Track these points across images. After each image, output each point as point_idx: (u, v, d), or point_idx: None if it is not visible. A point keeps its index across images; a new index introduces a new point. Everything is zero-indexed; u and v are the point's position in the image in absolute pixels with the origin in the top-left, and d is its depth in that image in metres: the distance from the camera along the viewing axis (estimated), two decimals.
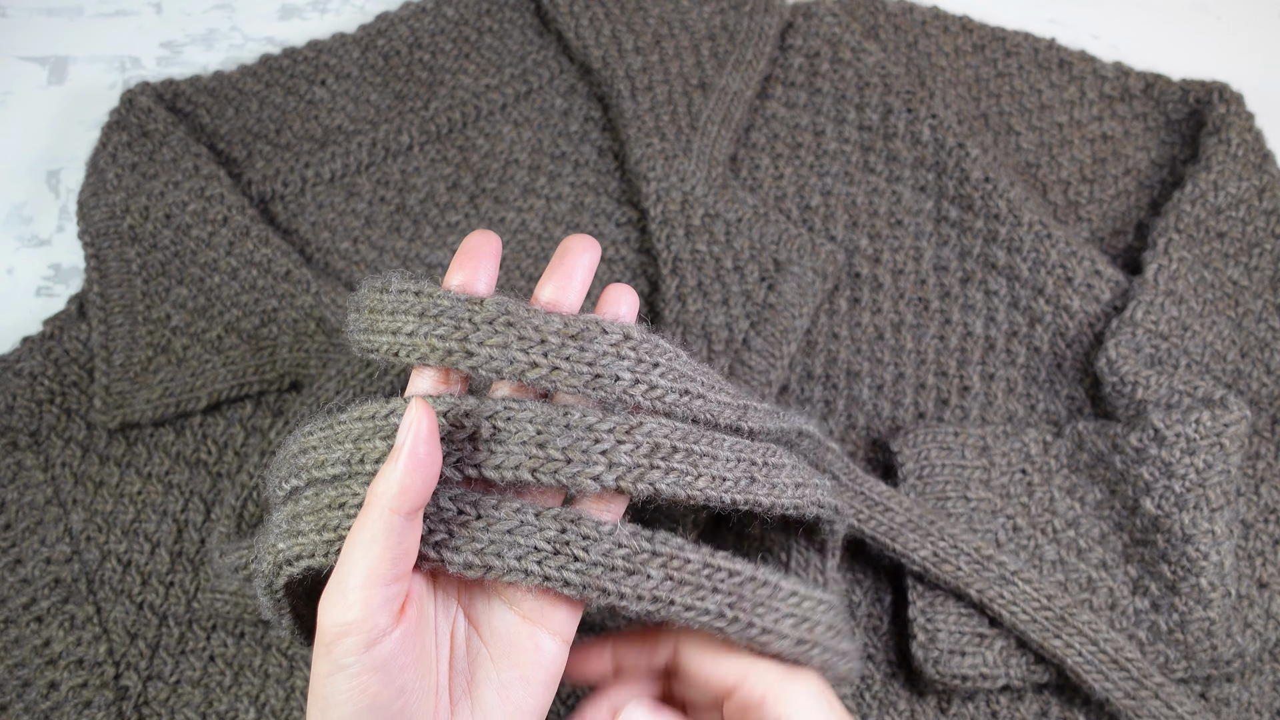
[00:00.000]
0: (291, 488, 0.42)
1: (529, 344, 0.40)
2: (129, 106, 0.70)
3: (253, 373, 0.64)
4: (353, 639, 0.36)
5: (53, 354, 0.65)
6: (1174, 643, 0.56)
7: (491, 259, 0.42)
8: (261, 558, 0.41)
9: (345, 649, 0.36)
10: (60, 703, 0.58)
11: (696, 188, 0.67)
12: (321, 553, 0.39)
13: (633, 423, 0.40)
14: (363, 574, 0.36)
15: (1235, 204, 0.67)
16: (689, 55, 0.72)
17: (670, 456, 0.41)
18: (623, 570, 0.40)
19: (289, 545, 0.40)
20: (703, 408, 0.42)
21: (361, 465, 0.40)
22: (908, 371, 0.66)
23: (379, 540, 0.36)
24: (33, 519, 0.62)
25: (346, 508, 0.39)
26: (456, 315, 0.40)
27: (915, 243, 0.69)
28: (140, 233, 0.67)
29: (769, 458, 0.44)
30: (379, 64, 0.75)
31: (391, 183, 0.72)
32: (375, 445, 0.40)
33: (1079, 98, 0.73)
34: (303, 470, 0.41)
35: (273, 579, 0.41)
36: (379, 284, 0.42)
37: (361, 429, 0.40)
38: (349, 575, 0.37)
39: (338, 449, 0.40)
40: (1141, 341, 0.62)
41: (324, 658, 0.37)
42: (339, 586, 0.37)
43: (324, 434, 0.41)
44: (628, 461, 0.40)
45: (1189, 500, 0.56)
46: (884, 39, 0.75)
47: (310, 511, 0.40)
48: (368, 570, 0.36)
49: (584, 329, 0.40)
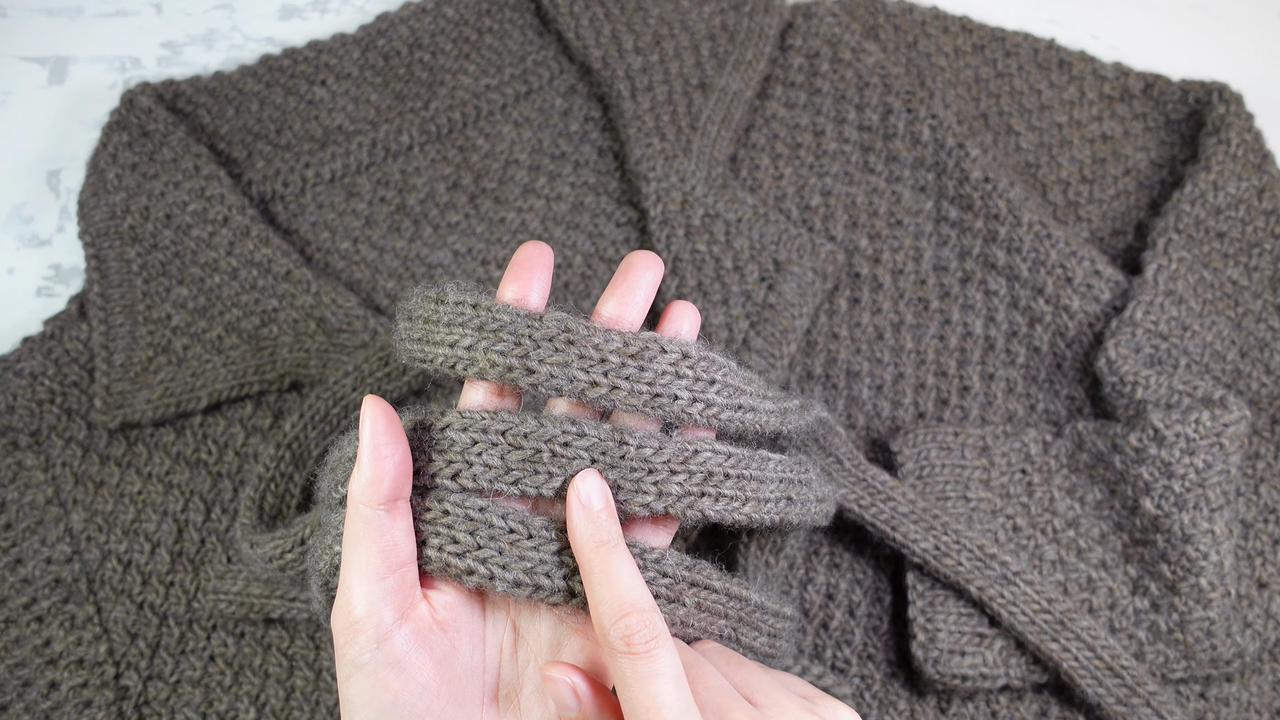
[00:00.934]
0: (345, 494, 0.42)
1: (589, 363, 0.40)
2: (129, 107, 0.70)
3: (253, 373, 0.64)
4: (363, 636, 0.37)
5: (53, 354, 0.65)
6: (1174, 642, 0.56)
7: (545, 270, 0.42)
8: (319, 557, 0.42)
9: (358, 648, 0.37)
10: (61, 702, 0.58)
11: (696, 188, 0.67)
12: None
13: (688, 452, 0.41)
14: (357, 572, 0.37)
15: (1235, 204, 0.67)
16: (689, 55, 0.72)
17: (721, 484, 0.42)
18: (664, 598, 0.42)
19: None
20: (754, 420, 0.43)
21: (416, 476, 0.40)
22: (908, 371, 0.66)
23: (362, 537, 0.37)
24: (33, 519, 0.62)
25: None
26: (516, 331, 0.40)
27: (915, 243, 0.69)
28: (140, 233, 0.67)
29: (801, 474, 0.46)
30: (379, 64, 0.75)
31: (391, 183, 0.72)
32: (431, 459, 0.40)
33: (1079, 98, 0.73)
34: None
35: (329, 578, 0.41)
36: (434, 294, 0.42)
37: (413, 439, 0.41)
38: (348, 576, 0.38)
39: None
40: (1141, 341, 0.62)
41: (343, 662, 0.37)
42: (342, 589, 0.37)
43: None
44: (678, 491, 0.41)
45: (1189, 500, 0.56)
46: (884, 39, 0.75)
47: None
48: (360, 567, 0.37)
49: (644, 348, 0.41)
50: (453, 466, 0.40)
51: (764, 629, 0.46)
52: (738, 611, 0.44)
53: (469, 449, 0.40)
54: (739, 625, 0.44)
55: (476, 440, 0.40)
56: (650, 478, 0.40)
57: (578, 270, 0.69)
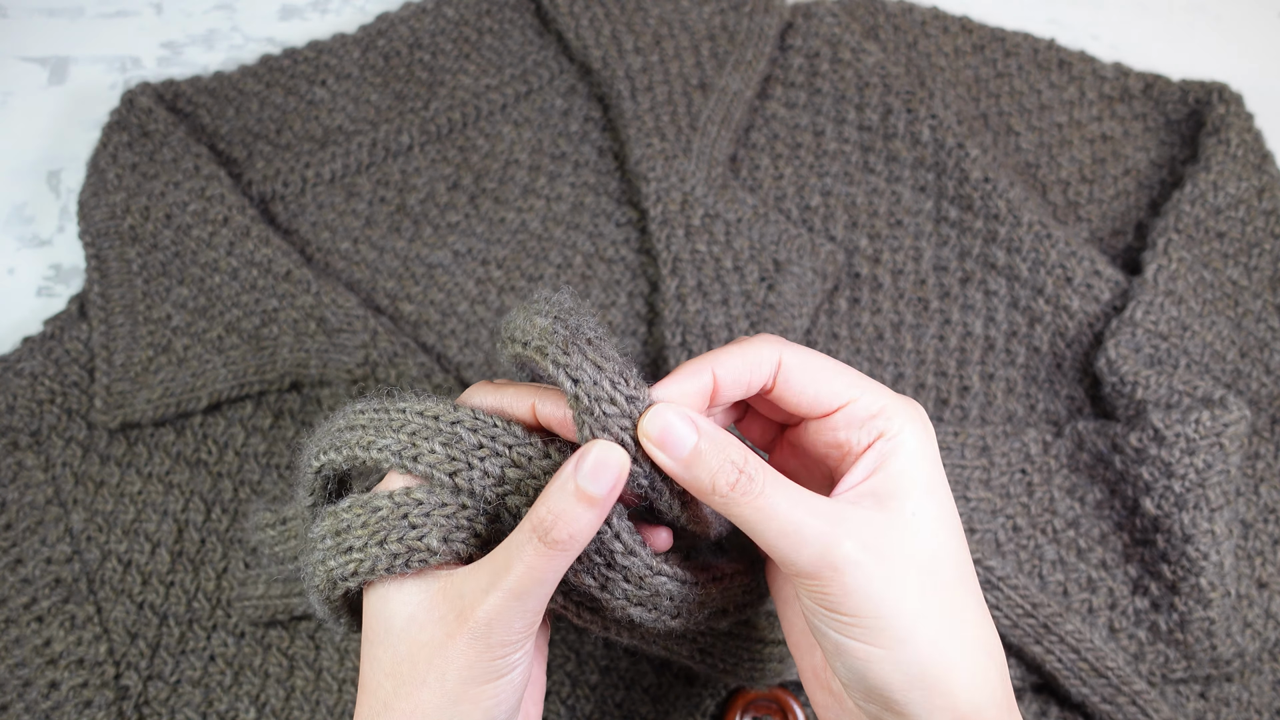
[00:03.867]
0: (325, 462, 0.42)
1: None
2: (129, 107, 0.70)
3: (253, 373, 0.64)
4: (525, 644, 0.39)
5: (53, 354, 0.65)
6: (1174, 642, 0.56)
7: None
8: (313, 574, 0.42)
9: (508, 662, 0.39)
10: (61, 702, 0.58)
11: (696, 188, 0.67)
12: (384, 565, 0.39)
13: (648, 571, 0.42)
14: (534, 599, 0.38)
15: (1234, 204, 0.67)
16: (689, 55, 0.72)
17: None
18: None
19: (341, 564, 0.40)
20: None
21: (414, 463, 0.40)
22: (907, 371, 0.66)
23: (546, 569, 0.38)
24: (33, 519, 0.62)
25: (411, 517, 0.40)
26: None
27: (915, 243, 0.69)
28: (141, 233, 0.67)
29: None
30: (379, 64, 0.75)
31: (391, 183, 0.72)
32: (432, 449, 0.40)
33: (1078, 98, 0.73)
34: (345, 446, 0.41)
35: (329, 593, 0.41)
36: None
37: (420, 425, 0.41)
38: (525, 595, 0.38)
39: (389, 436, 0.41)
40: (1141, 341, 0.62)
41: (484, 671, 0.38)
42: (517, 597, 0.38)
43: (376, 416, 0.42)
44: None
45: (1189, 500, 0.56)
46: (884, 39, 0.75)
47: (361, 526, 0.40)
48: (536, 596, 0.38)
49: None
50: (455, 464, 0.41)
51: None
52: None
53: (473, 451, 0.40)
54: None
55: (482, 444, 0.41)
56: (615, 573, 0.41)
57: (578, 270, 0.69)
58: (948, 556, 0.40)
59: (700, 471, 0.39)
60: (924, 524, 0.39)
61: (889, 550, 0.38)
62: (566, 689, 0.58)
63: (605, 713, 0.58)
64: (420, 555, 0.39)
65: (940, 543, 0.40)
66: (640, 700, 0.58)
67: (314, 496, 0.44)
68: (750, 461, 0.39)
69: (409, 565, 0.39)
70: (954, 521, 0.41)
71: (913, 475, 0.40)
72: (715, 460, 0.38)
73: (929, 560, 0.39)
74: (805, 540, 0.38)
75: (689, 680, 0.58)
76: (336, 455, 0.42)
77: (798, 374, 0.42)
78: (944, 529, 0.40)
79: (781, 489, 0.38)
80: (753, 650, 0.50)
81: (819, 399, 0.42)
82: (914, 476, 0.40)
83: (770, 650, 0.51)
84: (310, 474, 0.44)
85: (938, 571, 0.39)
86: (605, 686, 0.58)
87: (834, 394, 0.41)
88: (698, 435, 0.39)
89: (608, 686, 0.58)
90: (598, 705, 0.58)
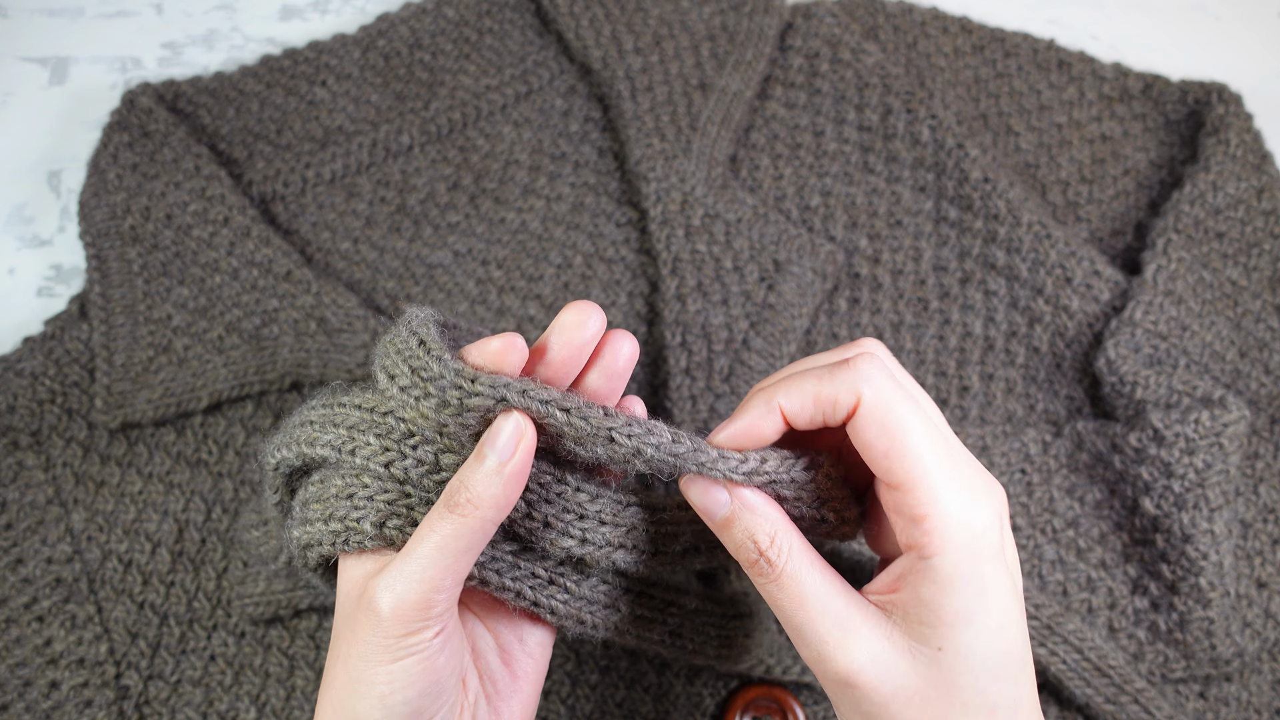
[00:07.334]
0: (279, 459, 0.43)
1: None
2: (130, 107, 0.70)
3: (253, 373, 0.64)
4: (432, 623, 0.38)
5: (54, 354, 0.65)
6: (1174, 642, 0.56)
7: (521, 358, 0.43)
8: (289, 540, 0.43)
9: (423, 636, 0.38)
10: (61, 702, 0.58)
11: (696, 188, 0.67)
12: (329, 542, 0.40)
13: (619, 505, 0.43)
14: (448, 571, 0.38)
15: (1234, 204, 0.67)
16: (689, 55, 0.72)
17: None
18: (602, 605, 0.44)
19: (302, 533, 0.41)
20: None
21: (351, 456, 0.41)
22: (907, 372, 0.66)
23: (464, 539, 0.38)
24: (34, 519, 0.62)
25: (355, 499, 0.40)
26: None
27: (915, 243, 0.69)
28: (141, 233, 0.67)
29: None
30: (379, 64, 0.75)
31: (392, 183, 0.72)
32: (367, 441, 0.40)
33: (1078, 98, 0.73)
34: (294, 442, 0.42)
35: (304, 558, 0.42)
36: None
37: (358, 419, 0.41)
38: (429, 568, 0.38)
39: (330, 432, 0.41)
40: (1141, 341, 0.62)
41: (391, 647, 0.37)
42: (418, 577, 0.37)
43: (324, 412, 0.42)
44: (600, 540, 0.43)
45: (1188, 500, 0.56)
46: (884, 39, 0.75)
47: (317, 499, 0.41)
48: (450, 566, 0.38)
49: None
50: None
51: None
52: (682, 617, 0.49)
53: (404, 440, 0.42)
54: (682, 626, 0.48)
55: (413, 433, 0.41)
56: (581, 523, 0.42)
57: (578, 270, 0.69)
58: (983, 689, 0.36)
59: (727, 539, 0.39)
60: (955, 661, 0.35)
61: (902, 681, 0.36)
62: (566, 689, 0.58)
63: (605, 712, 0.58)
64: (356, 537, 0.40)
65: (970, 681, 0.36)
66: (640, 700, 0.58)
67: (279, 494, 0.45)
68: (776, 542, 0.38)
69: (348, 545, 0.40)
70: (996, 652, 0.36)
71: (938, 606, 0.36)
72: (740, 535, 0.38)
73: (962, 692, 0.36)
74: (806, 642, 0.37)
75: (689, 680, 0.58)
76: (288, 452, 0.42)
77: (865, 424, 0.37)
78: (979, 664, 0.36)
79: (793, 583, 0.37)
80: (720, 626, 0.51)
81: (874, 461, 0.37)
82: (942, 606, 0.36)
83: (735, 625, 0.51)
84: (270, 472, 0.44)
85: (970, 704, 0.36)
86: (605, 686, 0.58)
87: (888, 468, 0.37)
88: (729, 502, 0.39)
89: (608, 686, 0.58)
90: (598, 705, 0.58)
